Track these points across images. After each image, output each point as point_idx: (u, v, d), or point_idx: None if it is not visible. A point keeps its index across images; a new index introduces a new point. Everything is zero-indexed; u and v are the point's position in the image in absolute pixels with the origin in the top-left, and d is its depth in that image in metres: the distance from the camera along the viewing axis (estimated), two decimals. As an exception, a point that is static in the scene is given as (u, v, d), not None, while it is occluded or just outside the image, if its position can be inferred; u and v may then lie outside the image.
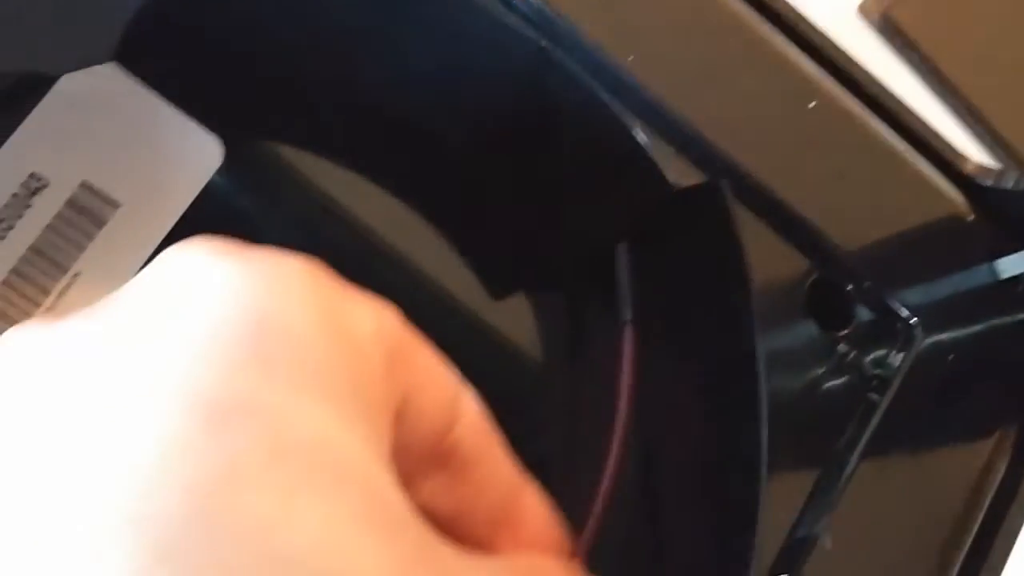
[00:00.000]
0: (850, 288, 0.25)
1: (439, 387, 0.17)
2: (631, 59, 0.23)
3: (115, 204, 0.26)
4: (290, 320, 0.15)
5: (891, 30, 0.41)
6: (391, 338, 0.16)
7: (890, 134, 0.25)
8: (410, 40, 0.26)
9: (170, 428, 0.13)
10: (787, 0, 0.25)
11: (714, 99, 0.24)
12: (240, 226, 0.27)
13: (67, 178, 0.26)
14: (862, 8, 0.42)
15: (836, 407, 0.25)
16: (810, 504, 0.24)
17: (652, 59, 0.23)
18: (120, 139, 0.26)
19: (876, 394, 0.25)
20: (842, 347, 0.25)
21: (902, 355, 0.25)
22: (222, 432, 0.13)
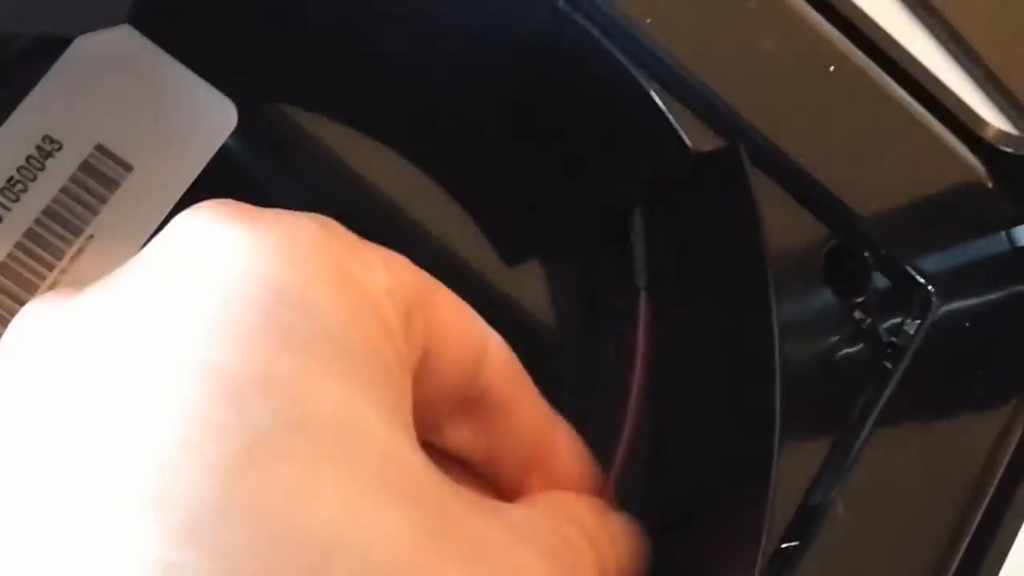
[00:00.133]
0: (867, 255, 0.25)
1: (462, 335, 0.17)
2: (649, 21, 0.23)
3: (129, 167, 0.26)
4: (304, 287, 0.14)
5: (912, -6, 0.41)
6: (408, 292, 0.16)
7: (910, 99, 0.25)
8: (425, 2, 0.25)
9: (187, 404, 0.13)
10: (807, -37, 0.25)
11: (733, 63, 0.23)
12: (253, 190, 0.27)
13: (81, 140, 0.26)
14: (882, -28, 0.41)
15: (851, 375, 0.25)
16: (824, 471, 0.24)
17: (670, 21, 0.23)
18: (134, 101, 0.26)
19: (891, 362, 0.25)
20: (858, 314, 0.25)
21: (918, 323, 0.25)
22: (239, 405, 0.13)
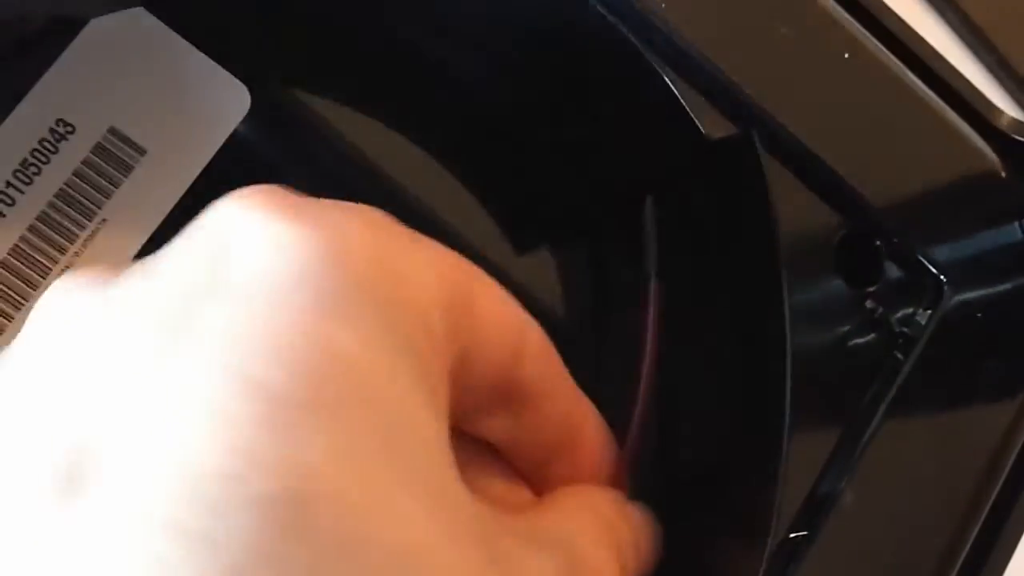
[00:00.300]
0: (879, 244, 0.25)
1: (502, 330, 0.17)
2: (664, 6, 0.23)
3: (142, 150, 0.26)
4: (346, 295, 0.14)
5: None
6: (451, 290, 0.16)
7: (924, 87, 0.25)
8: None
9: (229, 426, 0.13)
10: (822, -49, 0.24)
11: (747, 49, 0.23)
12: (265, 175, 0.27)
13: (94, 124, 0.26)
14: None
15: (862, 364, 0.25)
16: (833, 461, 0.24)
17: (684, 6, 0.23)
18: (148, 85, 0.26)
19: (902, 352, 0.25)
20: (869, 304, 0.25)
21: (929, 313, 0.25)
22: (285, 431, 0.13)
